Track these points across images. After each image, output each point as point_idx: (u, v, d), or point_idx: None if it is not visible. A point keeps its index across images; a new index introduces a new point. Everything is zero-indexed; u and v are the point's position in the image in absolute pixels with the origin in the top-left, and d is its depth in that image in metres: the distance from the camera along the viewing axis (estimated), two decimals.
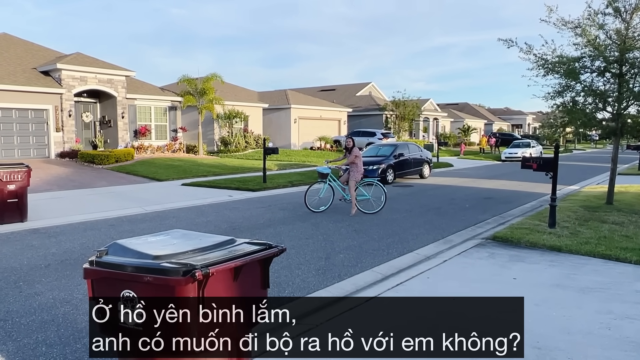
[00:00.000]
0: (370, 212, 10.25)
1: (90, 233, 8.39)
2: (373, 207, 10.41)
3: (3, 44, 22.54)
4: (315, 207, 10.37)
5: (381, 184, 10.87)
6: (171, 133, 25.35)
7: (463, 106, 64.05)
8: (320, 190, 10.58)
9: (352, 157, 10.30)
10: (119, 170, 18.01)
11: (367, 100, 43.29)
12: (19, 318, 4.53)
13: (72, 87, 20.83)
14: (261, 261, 2.60)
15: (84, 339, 4.09)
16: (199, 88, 24.91)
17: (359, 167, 10.34)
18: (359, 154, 10.45)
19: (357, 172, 10.32)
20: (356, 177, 10.33)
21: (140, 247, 2.47)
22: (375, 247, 7.37)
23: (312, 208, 10.34)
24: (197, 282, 2.19)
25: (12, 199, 9.16)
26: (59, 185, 14.30)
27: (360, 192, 10.45)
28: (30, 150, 20.07)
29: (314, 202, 10.44)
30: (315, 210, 10.30)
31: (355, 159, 10.30)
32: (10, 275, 5.86)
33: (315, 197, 10.44)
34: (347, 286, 5.57)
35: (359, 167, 10.34)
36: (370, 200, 10.44)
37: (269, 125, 32.69)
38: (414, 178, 18.37)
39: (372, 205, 10.44)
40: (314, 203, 10.41)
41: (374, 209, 10.37)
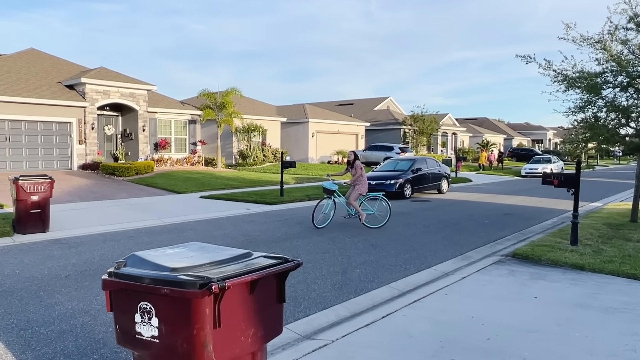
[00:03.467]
0: (375, 227, 10.17)
1: (110, 244, 8.50)
2: (378, 221, 10.33)
3: (31, 59, 23.25)
4: (319, 223, 10.09)
5: (386, 198, 10.73)
6: (190, 146, 25.68)
7: (482, 121, 63.60)
8: (325, 206, 10.35)
9: (357, 171, 10.32)
10: (139, 182, 18.26)
11: (385, 114, 43.30)
12: (39, 327, 4.58)
13: (96, 101, 21.32)
14: (277, 275, 2.60)
15: (101, 349, 4.11)
16: (218, 102, 25.25)
17: (364, 180, 10.36)
18: (362, 167, 10.46)
19: (362, 185, 10.32)
20: (361, 190, 10.32)
21: (158, 259, 2.49)
22: (392, 262, 7.29)
23: (317, 224, 10.04)
24: (213, 295, 2.19)
25: (35, 210, 9.35)
26: (80, 197, 14.55)
27: (365, 207, 10.38)
28: (54, 162, 20.52)
29: (319, 218, 10.18)
30: (319, 226, 10.01)
31: (361, 170, 10.34)
32: (31, 285, 5.96)
33: (320, 213, 10.22)
34: (364, 302, 5.51)
35: (364, 180, 10.36)
36: (375, 215, 10.36)
37: (287, 139, 32.89)
38: (432, 193, 18.22)
39: (377, 219, 10.36)
40: (319, 219, 10.15)
41: (379, 223, 10.29)
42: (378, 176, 16.88)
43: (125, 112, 23.33)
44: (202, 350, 2.23)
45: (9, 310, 5.06)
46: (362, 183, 10.36)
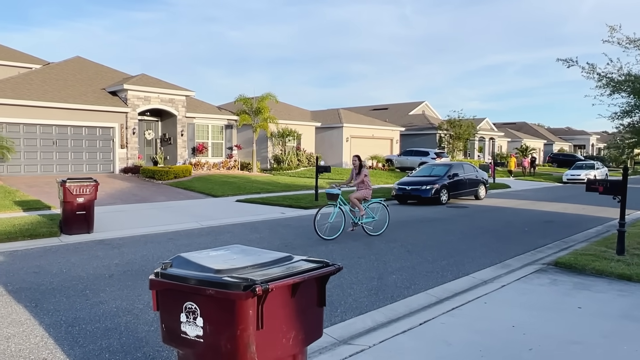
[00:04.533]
0: (375, 234, 9.87)
1: (151, 246, 8.74)
2: (378, 228, 10.04)
3: (77, 66, 24.25)
4: (326, 234, 9.34)
5: (385, 204, 10.51)
6: (227, 150, 26.14)
7: (521, 125, 62.04)
8: (331, 214, 9.65)
9: (361, 177, 10.06)
10: (177, 185, 18.72)
11: (420, 119, 42.87)
12: (85, 324, 4.76)
13: (137, 106, 22.02)
14: (318, 279, 2.62)
15: (144, 347, 4.24)
16: (254, 107, 25.62)
17: (367, 185, 10.11)
18: (368, 173, 10.26)
19: (366, 190, 10.08)
20: (365, 195, 10.05)
21: (203, 261, 2.56)
22: (429, 269, 7.20)
23: (323, 235, 9.29)
24: (256, 297, 2.23)
25: (80, 212, 9.73)
26: (122, 199, 15.04)
27: (367, 214, 10.06)
28: (97, 165, 21.30)
29: (325, 228, 9.43)
30: (327, 237, 9.25)
31: (365, 178, 10.10)
32: (78, 284, 6.20)
33: (325, 223, 9.48)
34: (400, 308, 5.46)
35: (367, 185, 10.11)
36: (377, 221, 10.10)
37: (321, 144, 33.01)
38: (469, 199, 17.89)
39: (377, 226, 10.06)
40: (324, 229, 9.40)
41: (379, 230, 10.00)
42: (413, 181, 16.72)
43: (165, 118, 23.99)
44: (245, 350, 2.27)
45: (58, 307, 5.28)
46: (366, 188, 10.09)
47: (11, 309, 5.23)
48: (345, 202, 9.88)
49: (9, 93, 19.04)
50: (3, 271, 6.84)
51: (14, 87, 19.73)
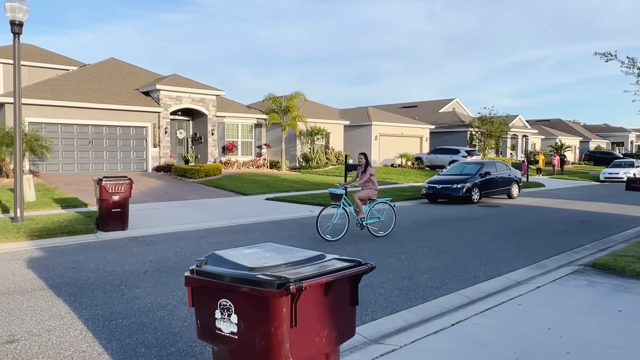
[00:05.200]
0: (381, 235, 9.57)
1: (183, 243, 8.91)
2: (385, 228, 9.76)
3: (111, 68, 24.92)
4: (328, 235, 9.09)
5: (392, 205, 10.15)
6: (256, 149, 26.39)
7: (555, 122, 60.37)
8: (334, 215, 9.40)
9: (367, 176, 9.74)
10: (208, 184, 19.01)
11: (450, 116, 42.24)
12: (122, 319, 4.89)
13: (169, 106, 22.46)
14: (351, 278, 2.61)
15: (178, 343, 4.32)
16: (283, 106, 25.77)
17: (373, 185, 9.78)
18: (374, 172, 9.93)
19: (372, 189, 9.74)
20: (370, 194, 9.70)
21: (237, 259, 2.59)
22: (461, 269, 7.09)
23: (325, 236, 9.02)
24: (290, 295, 2.25)
25: (115, 209, 10.00)
26: (154, 197, 15.38)
27: (372, 214, 9.78)
28: (131, 164, 21.84)
29: (327, 229, 9.19)
30: (330, 239, 8.96)
31: (371, 177, 9.77)
32: (114, 279, 6.38)
33: (328, 223, 9.26)
34: (432, 308, 5.40)
35: (373, 185, 9.78)
36: (383, 222, 9.79)
37: (350, 142, 32.93)
38: (502, 198, 17.53)
39: (384, 226, 9.78)
40: (327, 230, 9.17)
41: (386, 231, 9.71)
42: (443, 180, 16.49)
43: (196, 117, 24.39)
44: (279, 348, 2.29)
45: (95, 302, 5.44)
46: (372, 187, 9.75)
47: (52, 302, 5.42)
48: (349, 203, 9.60)
49: (48, 94, 19.72)
50: (44, 266, 7.10)
51: (52, 88, 20.43)
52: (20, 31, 10.18)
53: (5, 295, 5.66)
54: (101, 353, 4.09)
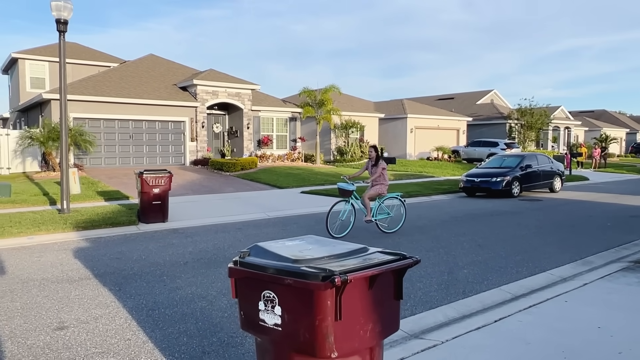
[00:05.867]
0: (391, 231, 9.16)
1: (221, 235, 9.04)
2: (394, 225, 9.32)
3: (150, 64, 25.50)
4: (336, 232, 8.77)
5: (403, 200, 9.65)
6: (291, 143, 26.50)
7: (600, 113, 57.97)
8: (342, 212, 8.96)
9: (379, 171, 9.16)
10: (244, 177, 19.24)
11: (488, 108, 41.20)
12: (164, 309, 5.01)
13: (206, 101, 22.82)
14: (395, 271, 2.56)
15: (219, 333, 4.38)
16: (317, 99, 25.75)
17: (384, 180, 9.25)
18: (386, 166, 9.38)
19: (382, 185, 9.20)
20: (381, 190, 9.17)
21: (280, 251, 2.58)
22: (502, 264, 6.91)
23: (333, 233, 8.67)
24: (335, 288, 2.22)
25: (156, 201, 10.24)
26: (193, 190, 15.68)
27: (381, 210, 9.25)
28: (169, 158, 22.35)
29: (336, 226, 8.86)
30: (337, 236, 8.56)
31: (383, 171, 9.21)
32: (156, 270, 6.53)
33: (336, 220, 8.90)
34: (473, 304, 5.28)
35: (384, 180, 9.25)
36: (392, 218, 9.35)
37: (385, 135, 32.63)
38: (543, 192, 16.99)
39: (393, 222, 9.35)
40: (335, 227, 8.83)
41: (395, 227, 9.29)
42: (482, 173, 16.11)
43: (232, 111, 24.69)
44: (324, 341, 2.27)
45: (139, 291, 5.58)
46: (382, 183, 9.22)
47: (98, 291, 5.60)
48: (357, 197, 9.17)
49: (91, 91, 20.37)
50: (89, 256, 7.35)
51: (94, 85, 21.09)
52: (65, 29, 10.52)
53: (55, 284, 5.89)
54: (145, 342, 4.20)
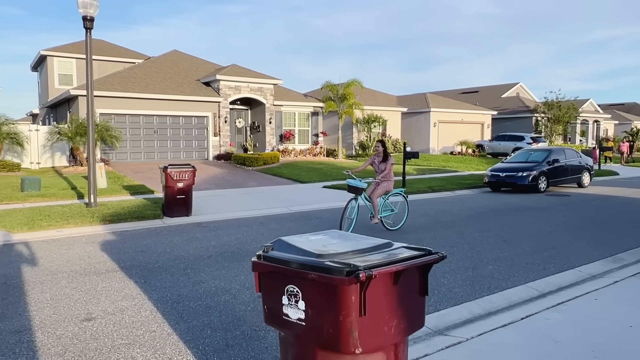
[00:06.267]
0: (395, 228, 8.86)
1: (244, 229, 9.10)
2: (397, 222, 9.03)
3: (174, 59, 25.78)
4: (345, 230, 8.36)
5: (405, 195, 9.31)
6: (313, 137, 26.49)
7: (631, 106, 56.21)
8: (352, 209, 8.58)
9: (388, 168, 8.71)
10: (266, 172, 19.32)
11: (514, 102, 40.39)
12: (188, 302, 5.06)
13: (228, 96, 22.97)
14: (420, 267, 2.51)
15: (242, 326, 4.40)
16: (339, 93, 25.64)
17: (392, 176, 8.87)
18: (394, 161, 8.98)
19: (390, 182, 8.81)
20: (389, 187, 8.78)
21: (303, 245, 2.56)
22: (529, 260, 6.76)
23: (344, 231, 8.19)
24: (359, 284, 2.19)
25: (180, 196, 10.36)
26: (216, 185, 15.82)
27: (386, 207, 8.89)
28: (193, 152, 22.60)
29: (347, 224, 8.52)
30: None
31: (392, 166, 8.82)
32: (180, 263, 6.61)
33: (346, 219, 8.57)
34: (499, 300, 5.18)
35: (392, 176, 8.87)
36: (396, 214, 9.03)
37: (408, 130, 32.33)
38: (571, 187, 16.59)
39: (397, 219, 9.05)
40: (346, 225, 8.50)
41: (398, 224, 8.99)
42: (508, 168, 15.81)
43: (254, 106, 24.80)
44: (348, 336, 2.24)
45: (164, 284, 5.66)
46: (390, 179, 8.82)
47: (124, 283, 5.70)
48: (366, 197, 8.76)
49: (117, 86, 20.72)
50: (115, 249, 7.48)
51: (120, 81, 21.44)
52: (91, 26, 10.70)
53: (83, 276, 6.02)
54: (170, 334, 4.25)
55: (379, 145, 8.93)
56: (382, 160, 8.82)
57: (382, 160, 8.82)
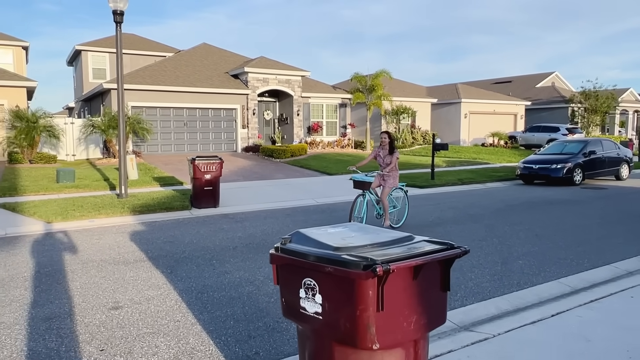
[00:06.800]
0: (397, 226, 8.37)
1: (270, 221, 9.13)
2: (401, 217, 8.67)
3: (203, 53, 26.03)
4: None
5: (405, 190, 8.71)
6: (340, 129, 26.36)
7: None
8: (360, 207, 8.10)
9: (394, 161, 8.07)
10: (294, 164, 19.35)
11: (548, 91, 39.14)
12: (213, 292, 5.10)
13: (256, 88, 23.06)
14: (442, 262, 2.43)
15: (265, 318, 4.40)
16: (367, 85, 25.39)
17: (397, 170, 8.31)
18: (399, 155, 8.31)
19: (395, 178, 8.26)
20: (395, 184, 8.25)
21: (321, 238, 2.51)
22: (561, 255, 6.53)
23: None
24: (377, 278, 2.12)
25: (207, 187, 10.47)
26: (243, 176, 15.95)
27: (390, 202, 8.37)
28: (222, 144, 22.83)
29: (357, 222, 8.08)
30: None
31: (397, 160, 8.19)
32: (206, 254, 6.68)
33: (354, 218, 8.17)
34: (528, 296, 5.02)
35: (397, 170, 8.31)
36: (399, 210, 8.64)
37: (437, 121, 31.80)
38: (608, 180, 15.98)
39: (400, 215, 8.70)
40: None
41: (400, 221, 8.59)
42: (542, 160, 15.34)
43: (282, 98, 24.84)
44: (365, 332, 2.19)
45: (189, 274, 5.72)
46: (395, 174, 8.25)
47: (151, 273, 5.79)
48: (372, 192, 8.26)
49: (148, 80, 21.08)
50: (144, 239, 7.62)
51: (151, 74, 21.80)
52: (121, 20, 10.87)
53: (112, 265, 6.15)
54: (194, 323, 4.28)
55: (385, 136, 8.18)
56: (388, 153, 8.14)
57: (388, 153, 8.14)
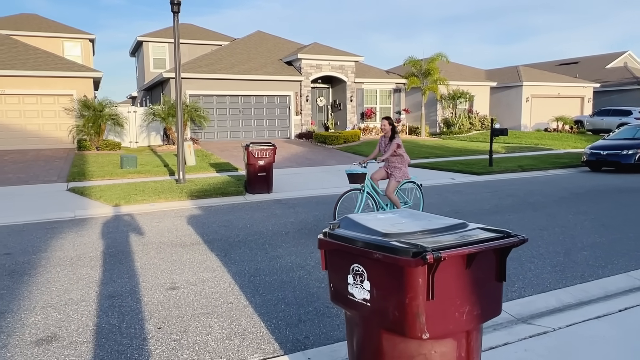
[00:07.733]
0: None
1: (322, 207, 9.15)
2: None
3: (257, 40, 26.32)
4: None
5: (419, 184, 7.84)
6: (395, 115, 25.92)
7: None
8: (357, 204, 7.28)
9: (392, 148, 7.21)
10: (346, 150, 19.27)
11: (620, 72, 36.51)
12: (265, 276, 5.18)
13: (310, 75, 23.07)
14: (497, 250, 2.31)
15: (315, 302, 4.42)
16: (423, 69, 24.74)
17: (404, 160, 7.39)
18: (401, 142, 7.33)
19: (403, 170, 7.36)
20: (404, 176, 7.38)
21: (370, 224, 2.46)
22: (631, 247, 6.11)
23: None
24: (427, 265, 2.05)
25: (261, 173, 10.64)
26: (296, 162, 16.07)
27: (400, 197, 7.56)
28: (276, 131, 23.10)
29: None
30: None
31: (398, 149, 7.26)
32: (259, 238, 6.79)
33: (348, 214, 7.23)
34: (593, 289, 4.73)
35: (404, 160, 7.39)
36: (410, 207, 7.56)
37: (497, 105, 30.54)
38: None
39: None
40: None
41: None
42: (611, 145, 14.38)
43: (335, 84, 24.71)
44: (415, 320, 2.12)
45: (242, 258, 5.85)
46: (402, 165, 7.37)
47: (206, 256, 5.97)
48: (374, 187, 7.42)
49: (205, 68, 21.62)
50: (200, 223, 7.87)
51: (208, 63, 22.33)
52: (178, 10, 11.15)
53: (170, 247, 6.39)
54: (246, 306, 4.37)
55: (385, 123, 7.35)
56: (389, 141, 7.37)
57: (389, 141, 7.37)
